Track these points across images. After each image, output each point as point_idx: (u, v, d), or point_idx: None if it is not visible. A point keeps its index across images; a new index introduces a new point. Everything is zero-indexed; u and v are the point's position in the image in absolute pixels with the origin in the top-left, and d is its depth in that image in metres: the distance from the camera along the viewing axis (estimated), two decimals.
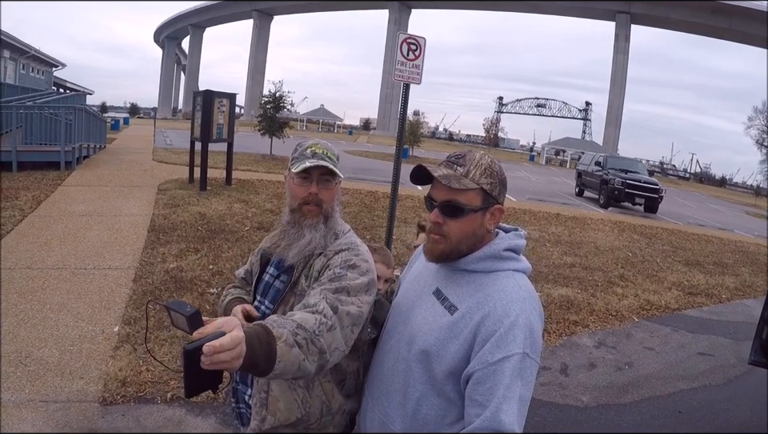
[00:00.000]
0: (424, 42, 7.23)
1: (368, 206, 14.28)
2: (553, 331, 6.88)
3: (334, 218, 2.11)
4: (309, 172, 2.03)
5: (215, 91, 14.88)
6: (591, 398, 5.31)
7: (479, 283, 1.76)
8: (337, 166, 2.07)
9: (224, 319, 1.34)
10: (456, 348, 1.68)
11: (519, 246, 1.86)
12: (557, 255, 11.14)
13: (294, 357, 1.54)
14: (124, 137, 34.70)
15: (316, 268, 2.03)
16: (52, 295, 6.56)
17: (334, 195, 2.11)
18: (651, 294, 9.05)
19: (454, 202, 1.74)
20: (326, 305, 1.78)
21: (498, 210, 1.81)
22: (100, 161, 19.33)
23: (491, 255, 1.78)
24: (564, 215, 16.94)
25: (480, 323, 1.65)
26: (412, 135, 39.48)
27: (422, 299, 1.89)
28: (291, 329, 1.58)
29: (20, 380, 4.66)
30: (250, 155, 25.27)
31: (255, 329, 1.48)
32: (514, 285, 1.73)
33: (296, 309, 1.80)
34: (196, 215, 11.10)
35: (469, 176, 1.74)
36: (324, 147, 2.08)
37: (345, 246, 2.06)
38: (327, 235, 2.07)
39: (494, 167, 1.80)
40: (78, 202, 11.81)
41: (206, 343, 1.22)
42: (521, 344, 1.59)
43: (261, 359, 1.44)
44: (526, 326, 1.62)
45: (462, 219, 1.75)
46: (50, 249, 8.32)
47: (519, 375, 1.57)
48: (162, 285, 7.05)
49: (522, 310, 1.65)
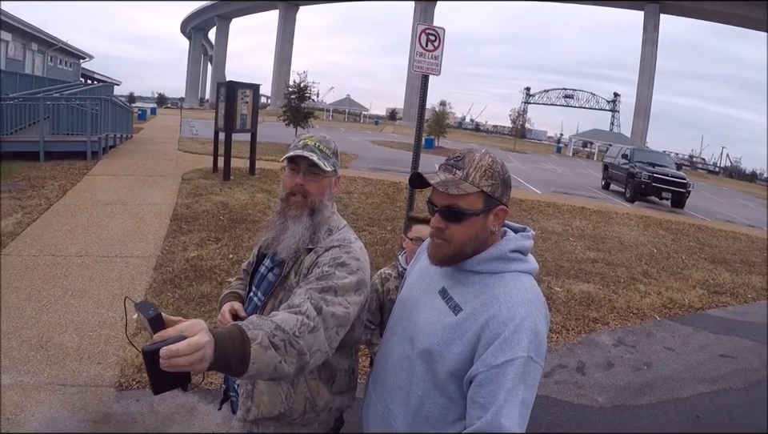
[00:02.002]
0: (443, 32, 7.12)
1: (390, 197, 14.25)
2: (571, 328, 6.79)
3: (322, 212, 2.09)
4: (297, 163, 2.04)
5: (238, 82, 14.97)
6: (607, 398, 5.21)
7: (485, 284, 1.74)
8: (329, 159, 2.07)
9: (189, 323, 1.36)
10: (459, 349, 1.67)
11: (526, 247, 1.82)
12: (580, 249, 11.01)
13: (270, 359, 1.54)
14: (151, 127, 34.97)
15: (305, 265, 2.02)
16: (74, 282, 6.67)
17: (323, 189, 2.09)
18: (675, 292, 8.85)
19: (455, 208, 1.71)
20: (310, 306, 1.76)
21: (502, 210, 1.76)
22: (126, 151, 19.51)
23: (498, 256, 1.76)
24: (589, 209, 16.70)
25: (485, 324, 1.64)
26: (438, 126, 39.43)
27: (426, 296, 1.87)
28: (269, 330, 1.57)
29: (40, 364, 4.76)
30: (275, 145, 25.34)
31: (230, 330, 1.49)
32: (520, 287, 1.71)
33: (281, 308, 1.79)
34: (218, 205, 11.19)
35: (468, 179, 1.70)
36: (318, 141, 2.08)
37: (336, 242, 2.04)
38: (314, 229, 2.06)
39: (495, 168, 1.73)
40: (102, 191, 11.97)
41: (162, 347, 1.26)
42: (525, 348, 1.58)
43: (233, 361, 1.45)
44: (530, 329, 1.61)
45: (463, 223, 1.73)
46: (74, 237, 8.45)
47: (522, 378, 1.56)
48: (182, 274, 7.13)
49: (528, 313, 1.63)
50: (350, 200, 12.86)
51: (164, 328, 1.34)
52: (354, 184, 15.31)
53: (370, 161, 23.66)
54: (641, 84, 76.29)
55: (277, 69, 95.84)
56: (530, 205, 15.49)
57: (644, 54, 75.42)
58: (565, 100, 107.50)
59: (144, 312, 1.36)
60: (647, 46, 74.79)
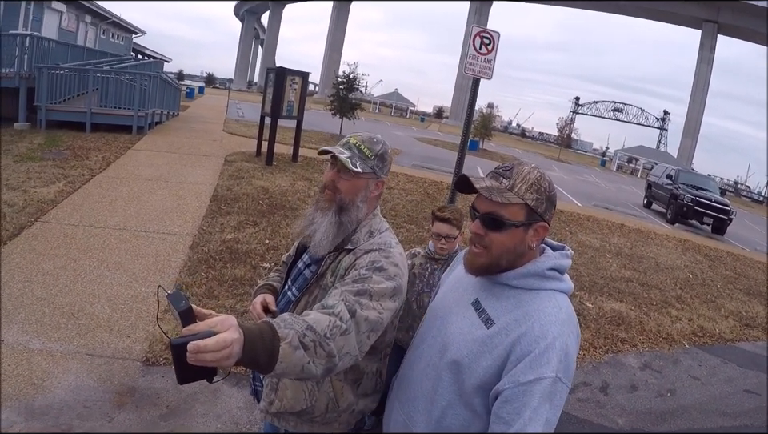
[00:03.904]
0: (498, 36, 7.01)
1: (431, 196, 14.16)
2: (599, 346, 6.68)
3: (350, 212, 2.06)
4: (335, 158, 2.03)
5: (288, 69, 14.98)
6: (627, 421, 5.12)
7: (519, 299, 1.72)
8: (366, 161, 2.04)
9: (219, 319, 1.36)
10: (488, 363, 1.65)
11: (564, 266, 1.79)
12: (615, 267, 10.81)
13: (298, 359, 1.53)
14: (198, 106, 35.39)
15: (343, 265, 2.00)
16: (110, 254, 6.76)
17: (355, 189, 2.06)
18: (706, 320, 8.63)
19: (495, 215, 1.70)
20: (344, 308, 1.74)
21: (543, 227, 1.73)
22: (171, 128, 19.78)
23: (535, 273, 1.73)
24: (628, 226, 16.42)
25: (516, 341, 1.62)
26: (483, 128, 39.17)
27: (459, 307, 1.85)
28: (300, 330, 1.56)
29: (70, 332, 4.83)
30: (320, 134, 25.44)
31: (261, 327, 1.48)
32: (555, 306, 1.68)
33: (314, 308, 1.78)
34: (259, 189, 11.25)
35: (514, 190, 1.69)
36: (363, 141, 2.07)
37: (376, 246, 2.02)
38: (340, 227, 2.04)
39: (543, 183, 1.71)
40: (145, 166, 12.14)
41: (191, 342, 1.26)
42: (554, 368, 1.55)
43: (262, 358, 1.44)
44: (561, 349, 1.59)
45: (503, 232, 1.70)
46: (114, 209, 8.57)
47: (549, 398, 1.54)
48: (217, 255, 7.17)
49: (560, 333, 1.61)
50: (390, 196, 12.81)
51: (194, 322, 1.34)
52: (395, 180, 15.25)
53: (413, 157, 23.58)
54: (692, 104, 74.86)
55: (327, 58, 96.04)
56: (569, 217, 15.30)
57: (698, 73, 73.95)
58: (614, 113, 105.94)
59: (175, 305, 1.36)
60: (702, 66, 73.35)
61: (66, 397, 3.99)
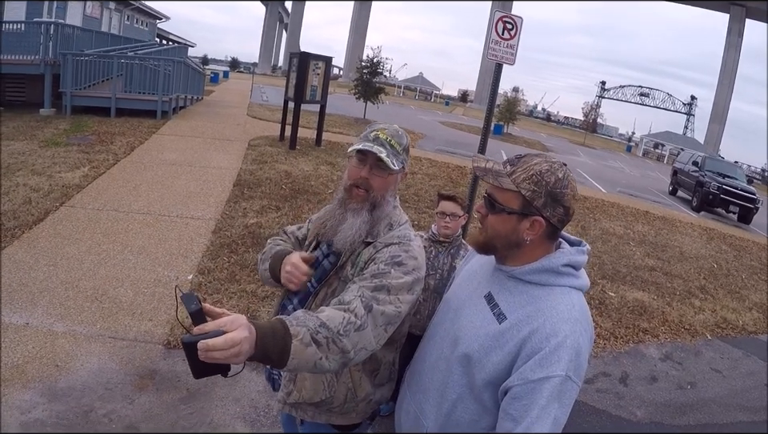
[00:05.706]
0: (521, 21, 6.91)
1: (453, 181, 14.06)
2: (620, 336, 6.61)
3: (383, 207, 2.04)
4: (365, 154, 1.98)
5: (311, 53, 14.99)
6: (646, 413, 5.07)
7: (532, 294, 1.70)
8: (398, 156, 2.00)
9: (230, 319, 1.40)
10: (499, 358, 1.65)
11: (580, 262, 1.76)
12: (639, 255, 10.68)
13: (310, 355, 1.55)
14: (222, 90, 35.50)
15: (363, 258, 1.99)
16: (134, 239, 6.84)
17: (388, 185, 2.03)
18: (730, 312, 8.46)
19: (492, 197, 1.74)
20: (360, 304, 1.75)
21: (538, 222, 1.69)
22: (195, 112, 19.87)
23: (549, 269, 1.71)
24: (653, 214, 16.17)
25: (527, 337, 1.61)
26: (508, 112, 38.85)
27: (472, 300, 1.85)
28: (313, 327, 1.59)
29: (93, 315, 4.91)
30: (343, 118, 25.39)
31: (273, 325, 1.51)
32: (568, 303, 1.66)
33: (331, 303, 1.79)
34: (282, 173, 11.26)
35: (512, 177, 1.69)
36: (391, 135, 2.01)
37: (396, 239, 2.00)
38: (373, 224, 2.02)
39: (546, 178, 1.67)
40: (169, 150, 12.23)
41: (200, 341, 1.32)
42: (564, 366, 1.55)
43: (274, 355, 1.48)
44: (572, 348, 1.58)
45: (495, 216, 1.73)
46: (138, 194, 8.66)
47: (558, 397, 1.54)
48: (240, 239, 7.23)
49: (572, 331, 1.60)
50: (413, 180, 12.74)
51: (205, 322, 1.38)
52: (418, 164, 15.18)
53: (437, 142, 23.47)
54: (720, 89, 73.75)
55: (351, 41, 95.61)
56: (593, 203, 15.13)
57: (726, 58, 72.81)
58: (640, 98, 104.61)
59: (187, 305, 1.40)
60: (730, 50, 72.16)
61: (89, 379, 4.06)
